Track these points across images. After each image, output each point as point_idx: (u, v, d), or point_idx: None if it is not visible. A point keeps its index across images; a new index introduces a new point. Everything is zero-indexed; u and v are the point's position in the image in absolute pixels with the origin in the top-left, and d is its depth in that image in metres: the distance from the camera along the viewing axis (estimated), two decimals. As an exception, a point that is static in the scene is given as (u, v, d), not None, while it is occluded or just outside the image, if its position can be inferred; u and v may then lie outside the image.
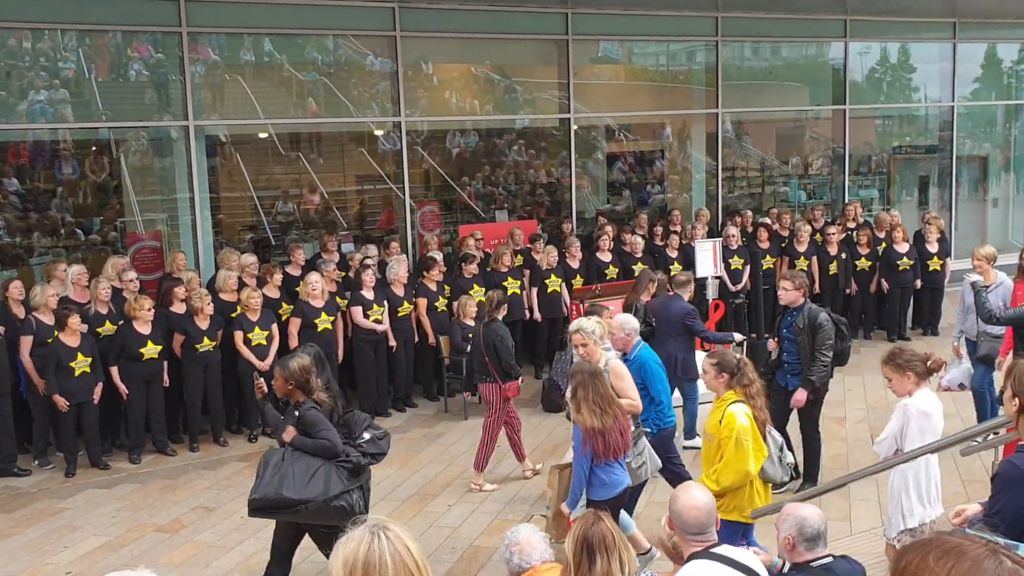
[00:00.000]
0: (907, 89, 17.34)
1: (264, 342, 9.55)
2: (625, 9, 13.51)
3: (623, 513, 6.38)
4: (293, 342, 9.78)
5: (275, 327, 9.70)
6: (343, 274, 10.86)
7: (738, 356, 5.92)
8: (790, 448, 6.51)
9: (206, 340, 9.31)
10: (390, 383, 10.66)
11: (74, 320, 8.64)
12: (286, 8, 11.42)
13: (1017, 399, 4.02)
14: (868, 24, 15.61)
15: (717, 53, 14.54)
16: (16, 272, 10.76)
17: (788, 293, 7.69)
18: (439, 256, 11.40)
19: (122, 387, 9.02)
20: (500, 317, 8.43)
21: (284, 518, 5.72)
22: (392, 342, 10.39)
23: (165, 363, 9.24)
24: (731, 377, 5.74)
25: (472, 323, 10.39)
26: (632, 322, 7.06)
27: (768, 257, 12.68)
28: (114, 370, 9.00)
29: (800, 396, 7.59)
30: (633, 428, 6.28)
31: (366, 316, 10.14)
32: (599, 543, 3.65)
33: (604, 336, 6.68)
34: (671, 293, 9.26)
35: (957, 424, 9.08)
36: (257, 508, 5.58)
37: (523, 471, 8.44)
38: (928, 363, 5.83)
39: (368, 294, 10.19)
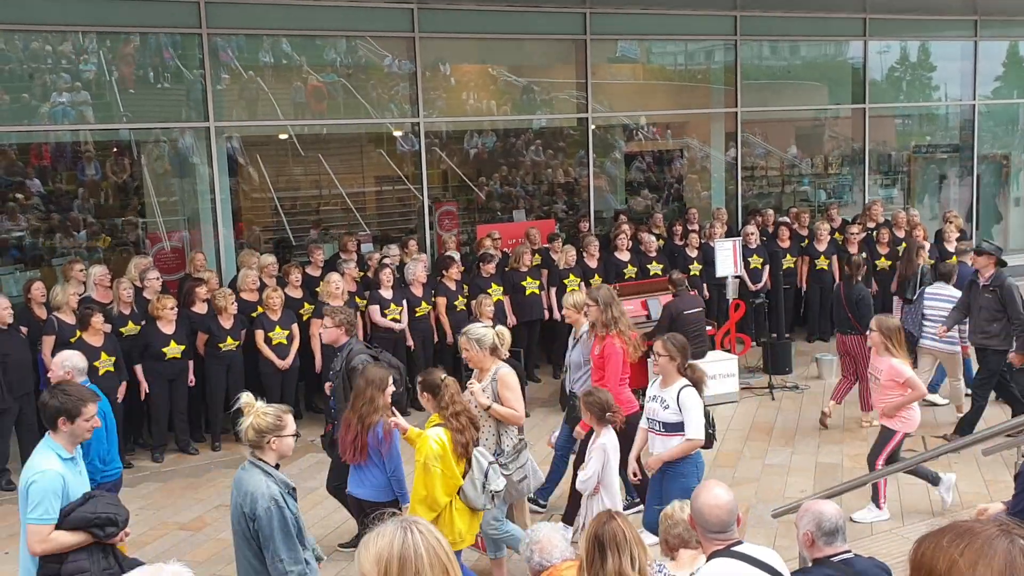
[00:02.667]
0: (927, 88, 17.23)
1: (284, 341, 9.62)
2: (643, 8, 13.49)
3: (511, 524, 6.32)
4: (315, 343, 9.85)
5: (295, 327, 9.77)
6: (362, 274, 10.91)
7: (443, 376, 5.65)
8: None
9: (229, 340, 9.38)
10: (408, 382, 10.69)
11: (97, 319, 8.71)
12: (305, 9, 11.48)
13: None
14: (888, 22, 15.52)
15: (736, 52, 14.50)
16: (39, 273, 10.89)
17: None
18: (457, 256, 11.43)
19: (144, 384, 9.09)
20: (860, 278, 9.60)
21: None
22: (410, 342, 10.43)
23: (190, 362, 9.31)
24: (434, 397, 5.53)
25: (490, 322, 10.40)
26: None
27: (788, 256, 12.64)
28: (138, 369, 9.08)
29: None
30: (517, 440, 6.17)
31: (383, 315, 10.18)
32: (610, 540, 3.67)
33: (499, 346, 6.37)
34: (692, 293, 9.27)
35: (979, 423, 9.04)
36: None
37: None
38: (607, 413, 5.90)
39: (386, 293, 10.23)
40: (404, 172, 13.25)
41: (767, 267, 12.47)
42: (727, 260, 11.44)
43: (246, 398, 4.70)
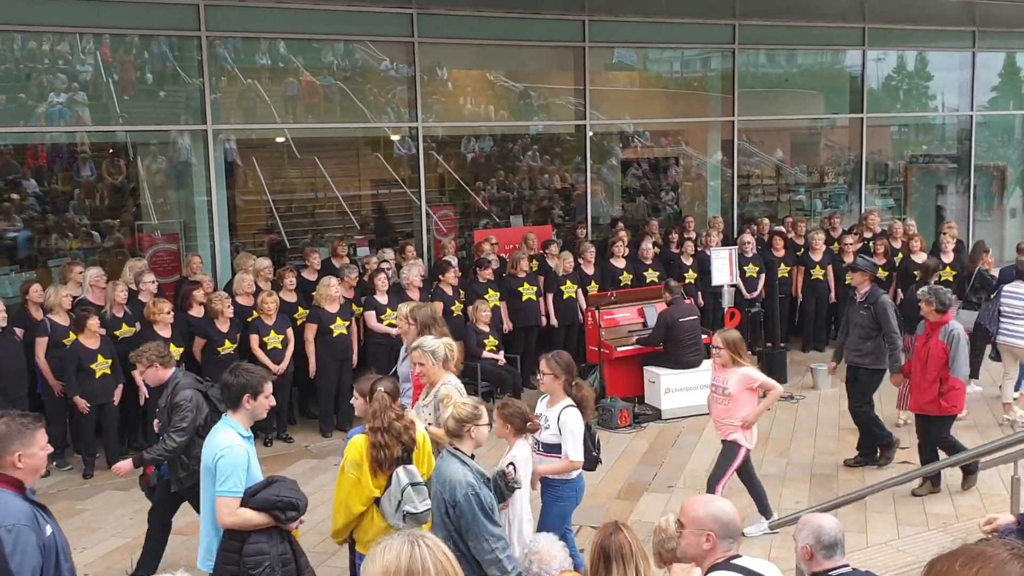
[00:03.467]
0: (925, 98, 17.28)
1: (280, 346, 9.59)
2: (642, 16, 13.51)
3: None
4: (309, 347, 9.83)
5: (291, 331, 9.73)
6: (357, 279, 10.89)
7: (379, 387, 5.36)
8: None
9: (227, 343, 9.35)
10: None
11: (93, 322, 8.69)
12: (304, 13, 11.46)
13: None
14: (886, 32, 15.56)
15: (733, 60, 14.53)
16: (34, 274, 10.86)
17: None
18: (454, 260, 11.42)
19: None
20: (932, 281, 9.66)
21: None
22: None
23: (183, 365, 9.26)
24: (366, 403, 5.37)
25: (486, 328, 10.40)
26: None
27: (783, 266, 12.66)
28: (136, 373, 9.04)
29: None
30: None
31: (379, 320, 10.17)
32: (616, 552, 3.66)
33: (450, 359, 6.18)
34: (687, 301, 9.28)
35: (976, 437, 9.06)
36: None
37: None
38: (528, 423, 5.71)
39: (381, 298, 10.21)
40: (401, 176, 13.24)
41: (763, 276, 12.48)
42: (723, 269, 11.45)
43: (445, 390, 5.30)
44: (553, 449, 5.95)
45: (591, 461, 6.25)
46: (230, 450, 4.63)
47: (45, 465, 4.10)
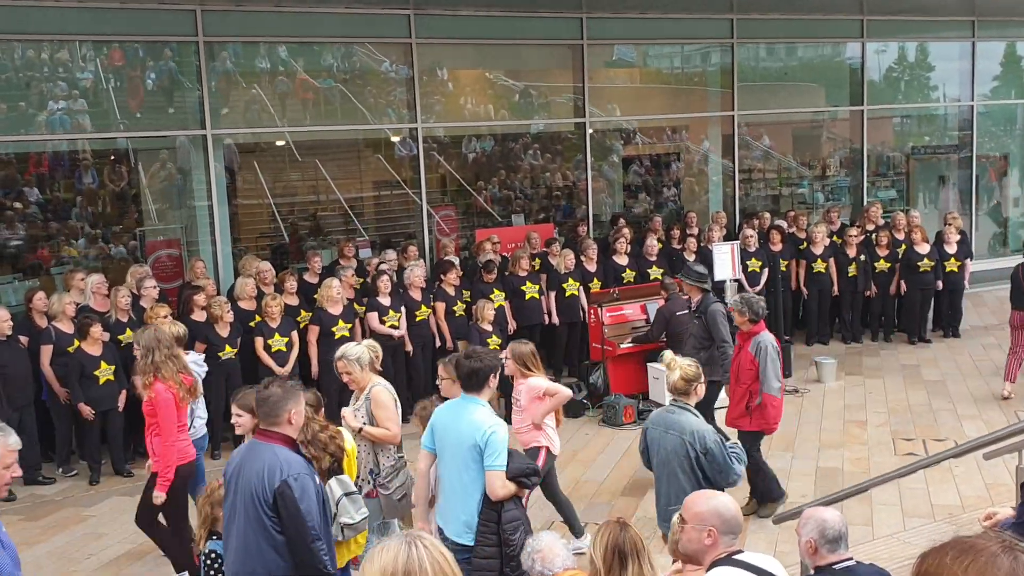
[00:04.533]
0: (926, 88, 17.23)
1: (284, 348, 9.60)
2: (640, 12, 13.50)
3: None
4: (312, 350, 9.84)
5: (295, 334, 9.75)
6: (361, 281, 10.90)
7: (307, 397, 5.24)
8: None
9: (227, 348, 9.35)
10: (408, 389, 10.68)
11: (96, 329, 8.71)
12: (302, 17, 11.48)
13: None
14: (885, 23, 15.53)
15: (732, 55, 14.51)
16: (37, 282, 10.88)
17: None
18: (456, 260, 11.42)
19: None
20: None
21: None
22: (409, 347, 10.41)
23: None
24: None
25: (490, 328, 10.40)
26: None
27: (782, 260, 12.64)
28: (137, 378, 9.05)
29: None
30: (396, 459, 5.98)
31: (382, 322, 10.17)
32: (631, 549, 3.66)
33: (375, 361, 6.11)
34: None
35: (981, 427, 9.04)
36: None
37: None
38: None
39: (384, 300, 10.22)
40: (402, 177, 13.24)
41: (766, 270, 12.46)
42: (725, 263, 11.43)
43: (669, 355, 5.68)
44: None
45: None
46: (500, 427, 4.98)
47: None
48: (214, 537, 4.90)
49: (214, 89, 11.25)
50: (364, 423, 5.94)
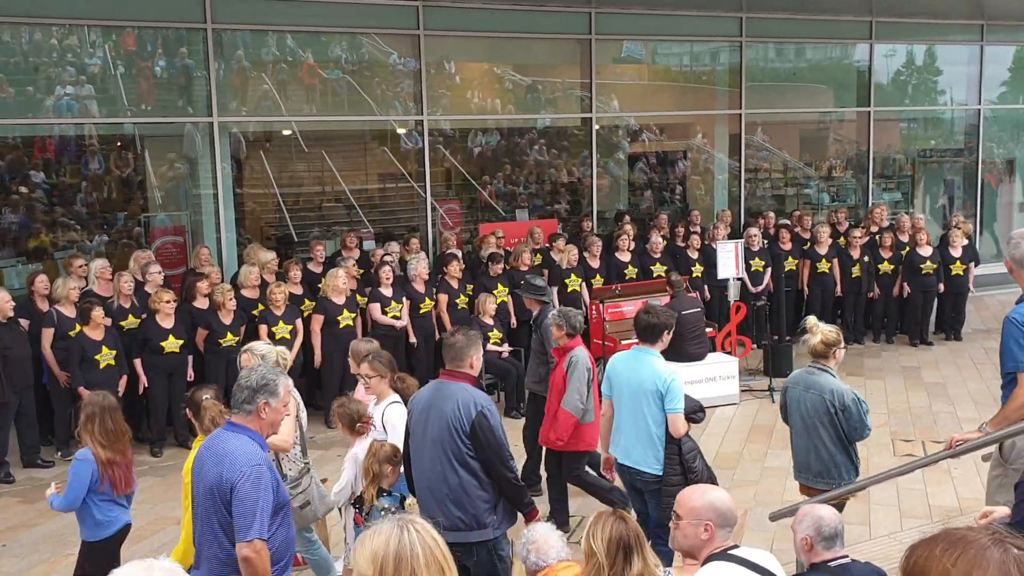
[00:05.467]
0: (933, 92, 17.20)
1: (288, 336, 9.62)
2: (649, 9, 13.48)
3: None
4: (316, 339, 9.86)
5: (299, 322, 9.77)
6: (362, 271, 10.91)
7: (207, 395, 5.23)
8: None
9: (229, 335, 9.37)
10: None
11: (98, 313, 8.72)
12: (310, 6, 11.48)
13: None
14: (894, 26, 15.49)
15: (741, 54, 14.48)
16: (40, 266, 10.90)
17: None
18: (459, 253, 11.42)
19: (144, 377, 9.09)
20: None
21: None
22: (412, 339, 10.42)
23: (190, 357, 9.31)
24: (195, 416, 5.18)
25: (491, 321, 10.42)
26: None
27: (790, 259, 12.63)
28: (137, 362, 9.08)
29: None
30: (301, 465, 5.89)
31: (384, 313, 10.18)
32: (635, 541, 3.65)
33: (282, 364, 5.86)
34: (692, 294, 9.26)
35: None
36: None
37: None
38: (358, 424, 5.62)
39: (386, 291, 10.23)
40: (407, 170, 13.25)
41: (769, 269, 12.45)
42: (728, 262, 11.43)
43: (812, 320, 6.04)
44: None
45: None
46: (677, 375, 5.81)
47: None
48: (384, 495, 5.26)
49: (222, 77, 11.26)
50: None
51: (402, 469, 5.29)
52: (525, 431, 8.02)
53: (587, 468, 7.21)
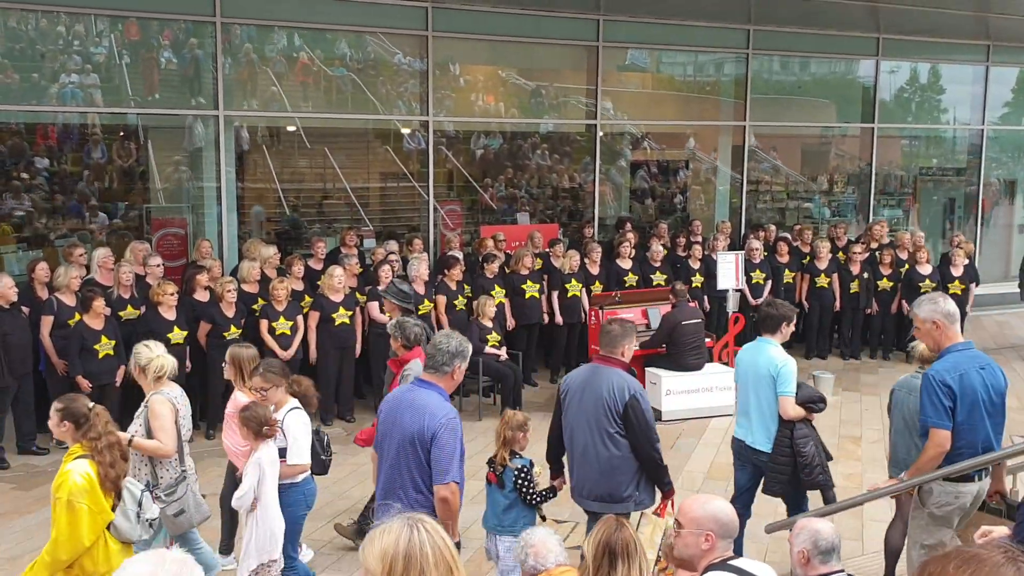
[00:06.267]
0: (936, 110, 17.26)
1: (288, 332, 9.62)
2: (656, 18, 13.50)
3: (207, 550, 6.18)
4: (312, 335, 9.85)
5: (300, 318, 9.77)
6: (361, 270, 10.91)
7: (91, 404, 5.02)
8: None
9: (233, 328, 9.36)
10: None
11: (99, 303, 8.71)
12: (319, 3, 11.49)
13: None
14: (900, 43, 15.54)
15: (747, 65, 14.52)
16: (41, 253, 10.88)
17: None
18: (460, 255, 11.43)
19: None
20: None
21: None
22: (410, 339, 10.40)
23: (187, 348, 9.30)
24: (77, 428, 4.99)
25: (490, 324, 10.43)
26: None
27: (788, 272, 12.65)
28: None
29: None
30: (178, 472, 5.86)
31: (382, 311, 10.17)
32: (622, 550, 3.65)
33: (152, 364, 5.86)
34: (692, 304, 9.27)
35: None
36: None
37: None
38: (264, 427, 5.56)
39: (387, 290, 10.22)
40: (410, 170, 13.25)
41: (769, 282, 12.47)
42: (728, 273, 11.45)
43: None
44: (284, 454, 5.79)
45: (320, 464, 6.14)
46: (790, 362, 6.23)
47: None
48: (516, 456, 5.68)
49: (228, 71, 11.25)
50: (138, 433, 5.75)
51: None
52: None
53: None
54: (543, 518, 5.78)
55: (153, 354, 5.89)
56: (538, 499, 5.63)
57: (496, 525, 5.70)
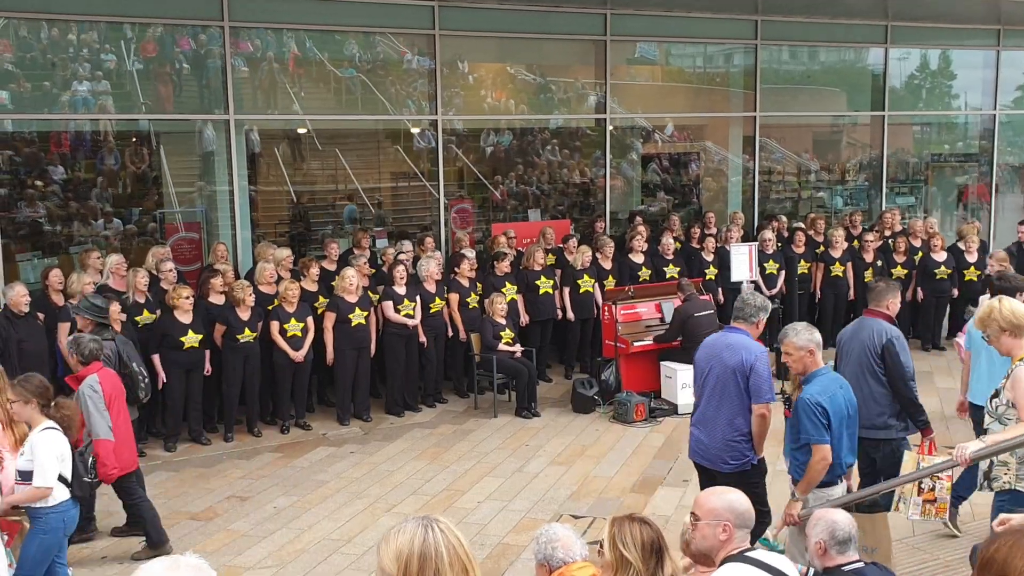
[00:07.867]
0: (947, 96, 17.16)
1: (299, 333, 9.67)
2: (664, 10, 13.48)
3: None
4: (328, 336, 9.90)
5: (311, 319, 9.82)
6: (374, 270, 10.95)
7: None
8: None
9: (247, 331, 9.41)
10: (420, 379, 10.74)
11: (114, 308, 8.75)
12: (326, 5, 11.52)
13: None
14: (910, 30, 15.46)
15: (756, 56, 14.47)
16: (56, 260, 10.95)
17: None
18: (471, 253, 11.45)
19: (162, 373, 9.13)
20: None
21: None
22: (423, 338, 10.45)
23: (207, 352, 9.36)
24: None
25: (503, 321, 10.44)
26: None
27: (803, 262, 12.61)
28: (156, 358, 9.11)
29: None
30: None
31: (397, 311, 10.21)
32: (665, 544, 3.67)
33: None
34: (704, 297, 9.25)
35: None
36: None
37: None
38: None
39: (399, 289, 10.26)
40: (420, 169, 13.27)
41: (782, 273, 12.44)
42: (743, 265, 11.42)
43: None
44: (29, 477, 5.51)
45: (82, 486, 5.93)
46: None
47: None
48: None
49: (238, 75, 11.30)
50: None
51: None
52: None
53: None
54: None
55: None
56: None
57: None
